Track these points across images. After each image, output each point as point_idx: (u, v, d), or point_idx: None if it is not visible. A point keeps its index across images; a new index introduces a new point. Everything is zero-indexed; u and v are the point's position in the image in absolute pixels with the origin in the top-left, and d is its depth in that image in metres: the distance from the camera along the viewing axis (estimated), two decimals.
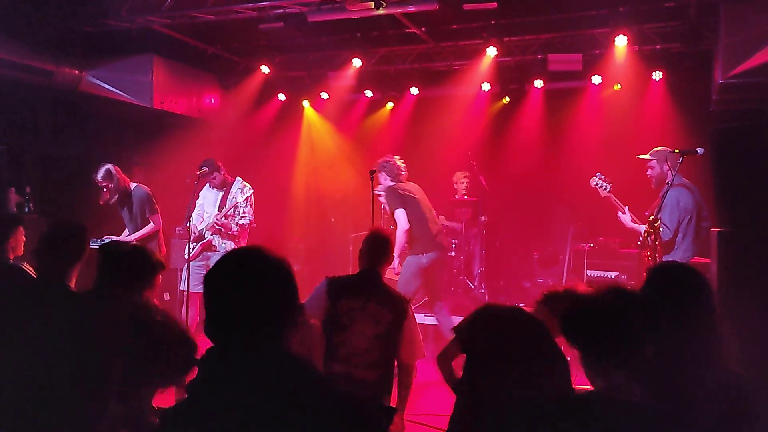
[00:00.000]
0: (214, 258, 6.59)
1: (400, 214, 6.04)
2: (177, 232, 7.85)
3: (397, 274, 6.05)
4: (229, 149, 7.84)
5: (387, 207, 6.31)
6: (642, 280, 2.57)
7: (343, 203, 9.39)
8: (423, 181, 8.64)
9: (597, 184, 5.57)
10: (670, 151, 5.26)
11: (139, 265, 3.23)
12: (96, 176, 6.44)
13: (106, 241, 6.42)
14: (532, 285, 8.00)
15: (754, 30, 5.52)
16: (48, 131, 7.09)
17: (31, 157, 7.10)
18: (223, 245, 6.55)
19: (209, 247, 6.58)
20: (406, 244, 6.12)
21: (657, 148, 5.59)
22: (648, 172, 5.61)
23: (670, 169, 5.46)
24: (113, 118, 7.68)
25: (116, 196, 6.46)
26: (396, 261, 5.95)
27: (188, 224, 6.42)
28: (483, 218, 8.15)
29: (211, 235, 6.56)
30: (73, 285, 3.21)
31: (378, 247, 3.75)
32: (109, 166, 6.45)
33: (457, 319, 3.89)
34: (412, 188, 6.35)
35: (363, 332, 3.50)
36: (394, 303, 3.60)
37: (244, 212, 6.53)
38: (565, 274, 6.90)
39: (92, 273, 3.19)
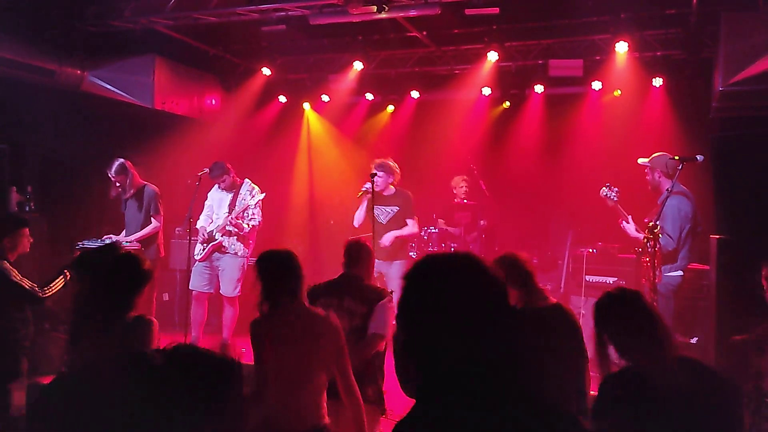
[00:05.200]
0: (223, 260, 6.62)
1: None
2: (177, 232, 7.86)
3: None
4: (229, 151, 7.85)
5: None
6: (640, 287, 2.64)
7: (343, 205, 9.39)
8: (422, 185, 8.67)
9: (606, 194, 5.58)
10: (669, 158, 5.28)
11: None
12: (109, 171, 6.45)
13: (106, 240, 6.44)
14: None
15: (755, 38, 5.54)
16: (50, 130, 7.08)
17: (32, 156, 7.11)
18: (233, 247, 6.64)
19: (219, 248, 6.63)
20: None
21: (656, 154, 5.61)
22: (647, 178, 5.65)
23: (662, 177, 5.49)
24: (115, 118, 7.68)
25: (132, 191, 6.49)
26: None
27: (188, 224, 6.45)
28: (482, 222, 8.15)
29: (221, 236, 6.60)
30: None
31: (352, 252, 4.10)
32: (123, 160, 6.47)
33: None
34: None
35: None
36: (369, 295, 3.85)
37: (253, 214, 6.62)
38: (563, 279, 6.91)
39: None
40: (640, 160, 5.66)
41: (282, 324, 3.18)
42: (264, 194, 6.69)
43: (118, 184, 6.50)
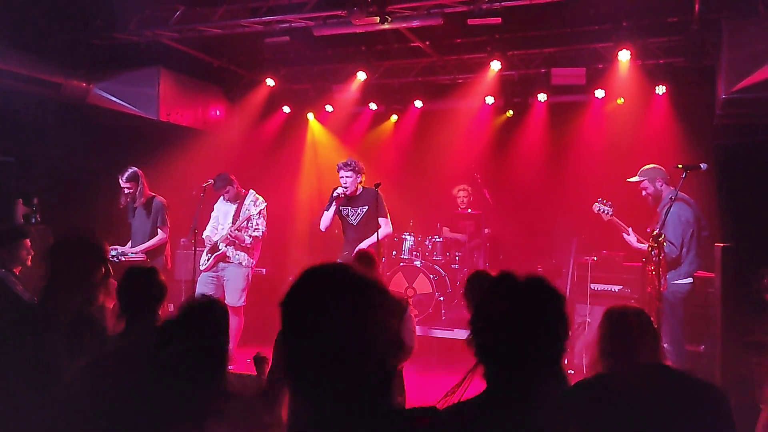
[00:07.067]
0: (228, 269, 6.62)
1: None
2: (182, 243, 7.89)
3: None
4: (233, 161, 7.89)
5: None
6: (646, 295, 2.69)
7: None
8: (426, 194, 8.71)
9: (600, 210, 5.60)
10: (673, 167, 5.29)
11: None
12: (120, 177, 6.47)
13: (112, 251, 6.46)
14: None
15: (757, 45, 5.55)
16: (56, 143, 7.13)
17: (38, 168, 7.14)
18: (237, 257, 6.63)
19: (223, 258, 6.64)
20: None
21: (645, 167, 5.65)
22: (643, 193, 5.65)
23: (663, 185, 5.52)
24: (120, 130, 7.73)
25: (143, 200, 6.51)
26: None
27: (194, 234, 6.47)
28: (486, 231, 8.17)
29: (225, 246, 6.61)
30: None
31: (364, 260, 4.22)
32: (135, 169, 6.50)
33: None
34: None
35: None
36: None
37: (257, 224, 6.61)
38: (568, 287, 6.90)
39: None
40: (631, 179, 5.68)
41: None
42: (265, 203, 6.70)
43: (127, 191, 6.51)
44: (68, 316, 2.92)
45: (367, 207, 6.33)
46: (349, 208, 6.41)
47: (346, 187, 6.26)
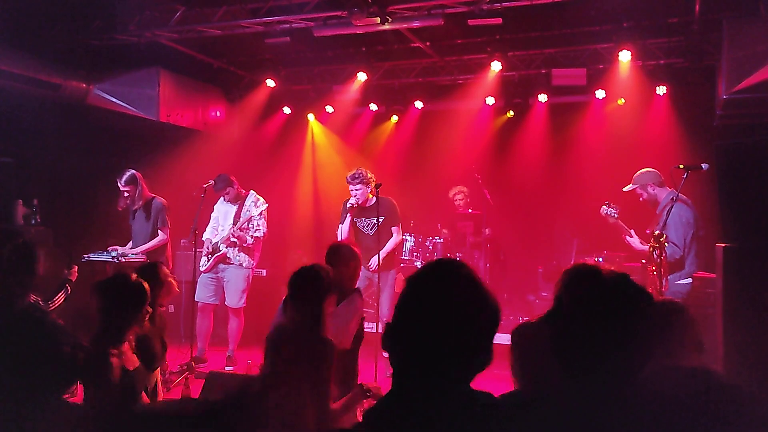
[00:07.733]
0: (228, 271, 6.62)
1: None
2: (182, 244, 7.88)
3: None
4: (234, 162, 7.88)
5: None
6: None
7: None
8: (427, 194, 8.70)
9: (606, 213, 5.60)
10: (674, 167, 5.28)
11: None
12: (119, 180, 6.47)
13: (112, 252, 6.45)
14: (536, 299, 7.99)
15: (758, 46, 5.55)
16: (55, 144, 7.13)
17: (38, 169, 7.15)
18: (237, 258, 6.65)
19: (224, 259, 6.65)
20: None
21: (637, 174, 5.65)
22: (641, 199, 5.65)
23: (655, 188, 5.52)
24: (120, 131, 7.73)
25: (141, 203, 6.51)
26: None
27: (194, 236, 6.46)
28: (487, 231, 8.15)
29: (226, 248, 6.61)
30: None
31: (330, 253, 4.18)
32: (133, 171, 6.50)
33: None
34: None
35: None
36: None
37: (258, 225, 6.64)
38: None
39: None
40: (626, 188, 5.69)
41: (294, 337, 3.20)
42: (267, 204, 6.72)
43: (126, 194, 6.51)
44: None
45: (383, 217, 6.34)
46: (363, 219, 6.46)
47: (357, 198, 6.31)
